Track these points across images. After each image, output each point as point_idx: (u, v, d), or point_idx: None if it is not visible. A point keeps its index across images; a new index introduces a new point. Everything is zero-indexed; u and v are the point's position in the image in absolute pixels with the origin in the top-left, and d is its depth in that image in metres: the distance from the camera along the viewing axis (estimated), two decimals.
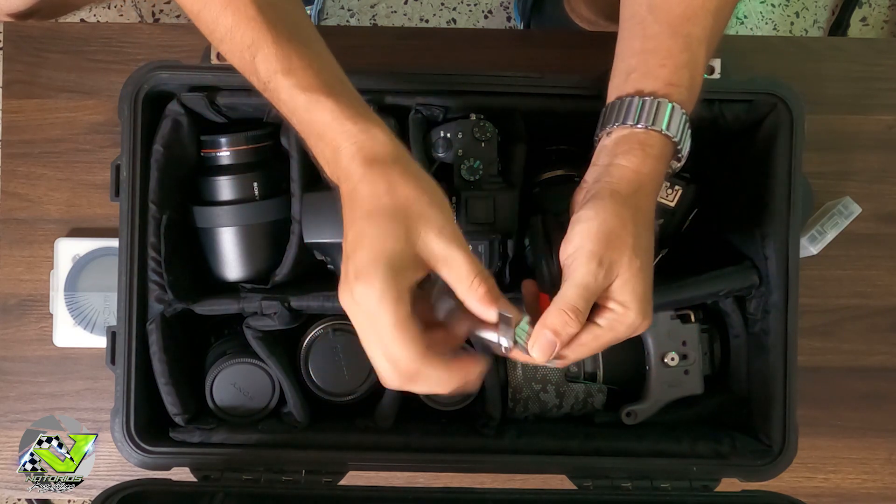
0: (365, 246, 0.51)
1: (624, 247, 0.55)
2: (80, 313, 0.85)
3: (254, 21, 0.55)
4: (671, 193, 0.76)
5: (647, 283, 0.56)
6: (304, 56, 0.55)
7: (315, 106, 0.54)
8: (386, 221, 0.51)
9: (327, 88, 0.55)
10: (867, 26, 1.48)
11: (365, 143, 0.53)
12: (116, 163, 0.69)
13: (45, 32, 0.86)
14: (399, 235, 0.51)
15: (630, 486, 0.69)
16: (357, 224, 0.52)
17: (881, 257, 0.88)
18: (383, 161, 0.53)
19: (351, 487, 0.70)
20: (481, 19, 1.46)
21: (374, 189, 0.52)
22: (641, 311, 0.55)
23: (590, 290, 0.55)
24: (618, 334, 0.56)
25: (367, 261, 0.51)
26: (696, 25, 0.59)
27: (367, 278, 0.50)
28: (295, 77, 0.55)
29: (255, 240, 0.72)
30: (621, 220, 0.55)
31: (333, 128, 0.54)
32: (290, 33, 0.56)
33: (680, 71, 0.58)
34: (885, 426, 0.88)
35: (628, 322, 0.55)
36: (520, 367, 0.73)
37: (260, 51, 0.55)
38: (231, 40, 0.56)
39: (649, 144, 0.57)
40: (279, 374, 0.71)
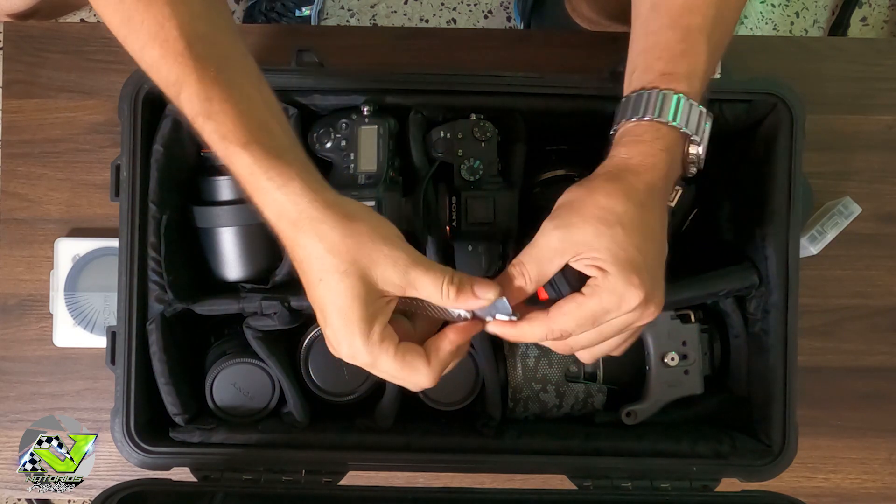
0: (332, 313, 0.52)
1: (588, 212, 0.53)
2: (80, 313, 0.85)
3: (181, 57, 0.52)
4: (671, 194, 0.75)
5: (630, 248, 0.53)
6: (227, 99, 0.52)
7: (232, 157, 0.52)
8: (342, 280, 0.51)
9: (244, 138, 0.52)
10: (867, 26, 1.48)
11: (284, 202, 0.51)
12: (116, 163, 0.69)
13: (45, 32, 0.86)
14: (357, 290, 0.51)
15: (630, 486, 0.69)
16: (315, 289, 0.52)
17: (881, 257, 0.88)
18: (309, 218, 0.51)
19: (351, 487, 0.70)
20: (481, 19, 1.46)
21: (314, 251, 0.51)
22: (623, 275, 0.52)
23: (538, 247, 0.54)
24: (603, 302, 0.53)
25: (341, 326, 0.52)
26: (696, 15, 0.58)
27: (349, 341, 0.52)
28: (214, 122, 0.52)
29: (255, 240, 0.72)
30: (591, 190, 0.54)
31: (250, 183, 0.52)
32: (217, 70, 0.53)
33: (675, 60, 0.58)
34: (885, 426, 0.87)
35: (610, 286, 0.52)
36: (520, 367, 0.73)
37: (184, 90, 0.53)
38: (157, 73, 0.54)
39: (637, 133, 0.57)
40: (279, 374, 0.71)
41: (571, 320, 0.54)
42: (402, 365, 0.53)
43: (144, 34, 0.53)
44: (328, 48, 0.75)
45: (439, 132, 0.70)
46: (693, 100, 0.57)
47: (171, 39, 0.53)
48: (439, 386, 0.73)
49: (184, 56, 0.52)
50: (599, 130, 0.63)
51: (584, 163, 0.75)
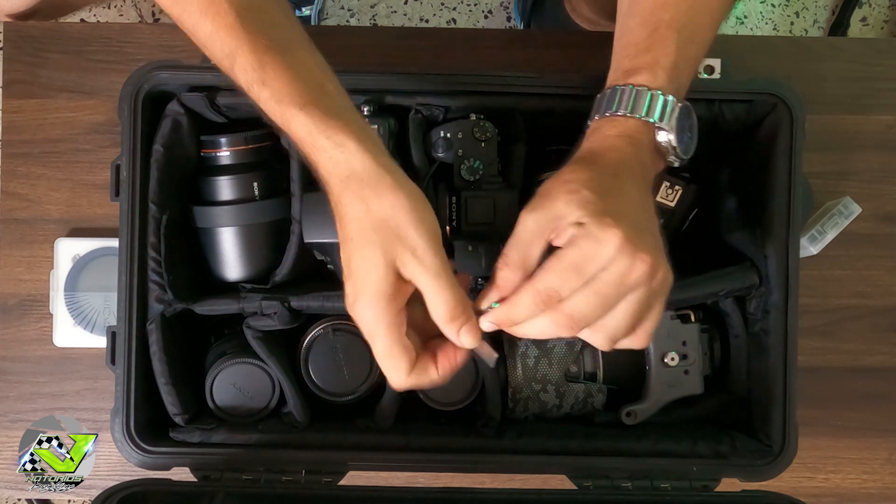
0: (353, 273, 0.53)
1: (557, 190, 0.53)
2: (80, 313, 0.85)
3: (232, 29, 0.54)
4: (671, 193, 0.75)
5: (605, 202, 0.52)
6: (281, 64, 0.54)
7: (290, 120, 0.54)
8: (367, 248, 0.52)
9: (302, 99, 0.53)
10: (867, 26, 1.48)
11: (339, 159, 0.53)
12: (116, 163, 0.69)
13: (45, 32, 0.86)
14: (380, 263, 0.52)
15: (630, 486, 0.69)
16: (345, 247, 0.54)
17: (881, 257, 0.88)
18: (358, 179, 0.52)
19: (351, 487, 0.70)
20: (481, 19, 1.46)
21: (352, 211, 0.53)
22: (597, 219, 0.51)
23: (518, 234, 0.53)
24: (583, 249, 0.51)
25: (357, 289, 0.53)
26: (665, 11, 0.59)
27: (360, 306, 0.53)
28: (270, 89, 0.54)
29: (255, 240, 0.72)
30: (556, 177, 0.55)
31: (307, 143, 0.53)
32: (269, 39, 0.55)
33: (639, 56, 0.58)
34: (885, 426, 0.87)
35: (585, 233, 0.51)
36: (520, 367, 0.73)
37: (237, 61, 0.54)
38: (210, 48, 0.56)
39: (596, 128, 0.58)
40: (279, 374, 0.71)
41: (553, 274, 0.51)
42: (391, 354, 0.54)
43: (196, 10, 0.55)
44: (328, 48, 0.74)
45: (439, 132, 0.70)
46: (658, 89, 0.57)
47: (221, 13, 0.54)
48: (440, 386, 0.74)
49: (235, 27, 0.54)
50: None
51: None
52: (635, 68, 0.58)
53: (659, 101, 0.57)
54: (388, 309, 0.53)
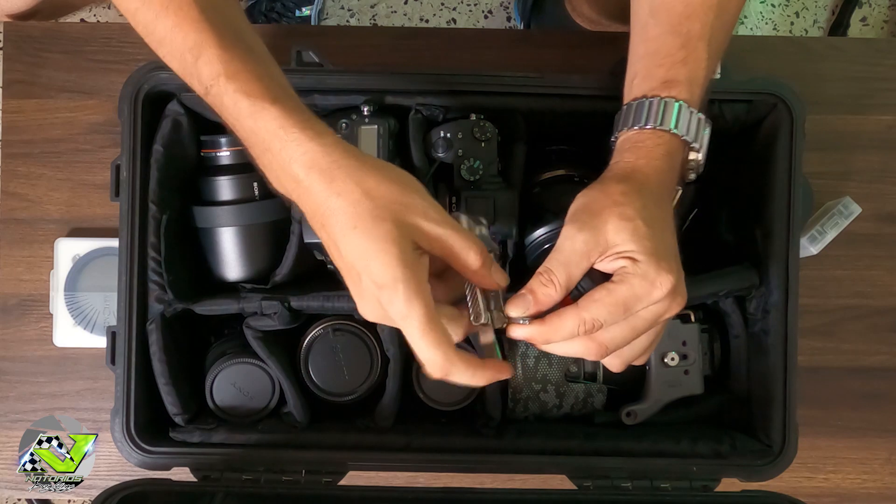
0: (372, 258, 0.50)
1: (608, 212, 0.54)
2: (80, 313, 0.85)
3: (197, 23, 0.53)
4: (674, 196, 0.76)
5: (655, 239, 0.53)
6: (248, 61, 0.53)
7: (260, 113, 0.52)
8: (379, 226, 0.50)
9: (271, 95, 0.52)
10: (867, 26, 1.48)
11: (316, 151, 0.51)
12: (116, 163, 0.69)
13: (45, 32, 0.86)
14: (394, 234, 0.50)
15: (630, 486, 0.69)
16: (352, 240, 0.50)
17: (881, 257, 0.88)
18: (345, 165, 0.51)
19: (351, 487, 0.70)
20: (481, 19, 1.46)
21: (348, 198, 0.50)
22: (653, 261, 0.52)
23: (564, 252, 0.54)
24: (635, 288, 0.52)
25: (382, 272, 0.50)
26: (695, 22, 0.58)
27: (391, 288, 0.50)
28: (238, 82, 0.53)
29: (255, 240, 0.72)
30: (606, 192, 0.55)
31: (280, 137, 0.52)
32: (234, 37, 0.54)
33: (676, 67, 0.58)
34: (885, 426, 0.87)
35: (641, 271, 0.52)
36: (520, 367, 0.73)
37: (203, 53, 0.53)
38: (171, 42, 0.54)
39: (641, 140, 0.58)
40: (279, 374, 0.71)
41: (603, 308, 0.53)
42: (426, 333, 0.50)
43: (157, 4, 0.54)
44: (328, 48, 0.75)
45: (439, 132, 0.70)
46: (693, 107, 0.58)
47: (184, 7, 0.54)
48: (439, 386, 0.74)
49: (200, 21, 0.53)
50: (599, 130, 0.63)
51: (584, 163, 0.75)
52: (674, 80, 0.58)
53: (694, 119, 0.58)
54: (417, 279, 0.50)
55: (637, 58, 0.61)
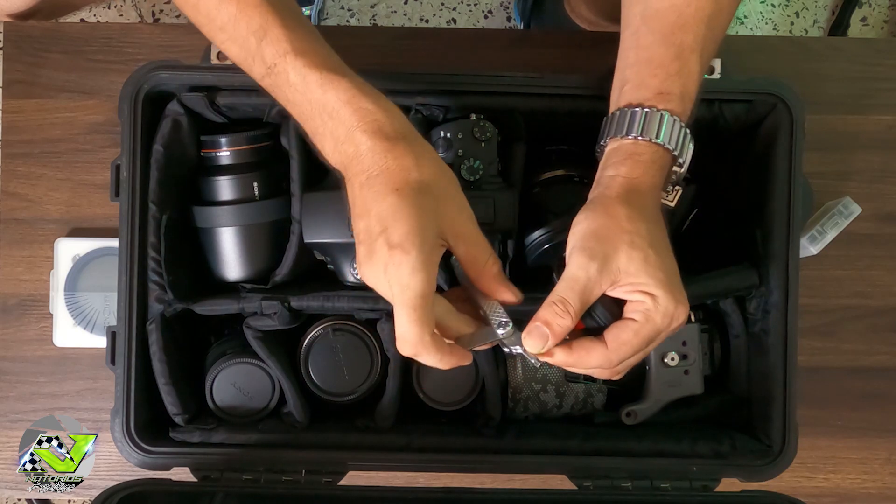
0: (401, 219, 0.52)
1: (618, 239, 0.55)
2: (80, 313, 0.85)
3: (259, 7, 0.55)
4: (671, 193, 0.75)
5: (665, 268, 0.55)
6: (312, 40, 0.56)
7: (330, 84, 0.55)
8: (419, 196, 0.53)
9: (340, 70, 0.56)
10: (867, 26, 1.48)
11: (384, 119, 0.55)
12: (116, 163, 0.69)
13: (45, 32, 0.86)
14: (431, 210, 0.53)
15: (630, 486, 0.69)
16: (388, 199, 0.53)
17: (881, 257, 0.88)
18: (405, 137, 0.55)
19: (351, 487, 0.70)
20: (481, 19, 1.46)
21: (402, 163, 0.53)
22: (671, 295, 0.55)
23: (580, 281, 0.54)
24: (657, 325, 0.55)
25: (404, 234, 0.52)
26: (688, 34, 0.59)
27: (404, 251, 0.52)
28: (307, 57, 0.55)
29: (255, 240, 0.72)
30: (612, 217, 0.56)
31: (351, 104, 0.55)
32: (296, 19, 0.57)
33: (671, 79, 0.58)
34: (885, 426, 0.88)
35: (662, 309, 0.54)
36: (520, 367, 0.73)
37: (268, 34, 0.55)
38: (235, 27, 0.56)
39: (638, 153, 0.58)
40: (279, 374, 0.71)
41: (631, 349, 0.56)
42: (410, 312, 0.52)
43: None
44: None
45: (439, 132, 0.70)
46: (683, 121, 0.59)
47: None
48: (439, 386, 0.74)
49: (262, 6, 0.56)
50: (599, 131, 0.63)
51: (584, 163, 0.75)
52: (668, 93, 0.58)
53: (683, 134, 0.59)
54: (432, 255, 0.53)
55: (627, 64, 0.61)
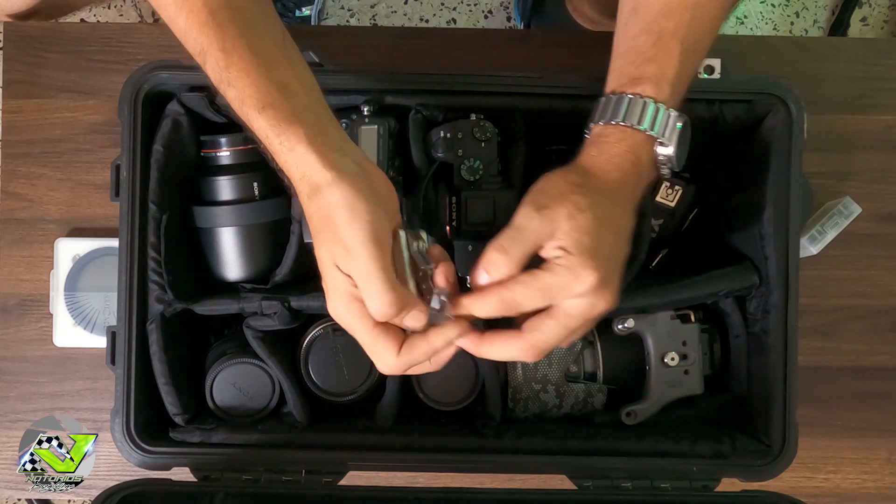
0: (320, 270, 0.55)
1: (565, 198, 0.55)
2: (80, 313, 0.85)
3: (204, 26, 0.55)
4: (671, 193, 0.76)
5: (596, 236, 0.55)
6: (247, 64, 0.54)
7: (251, 122, 0.55)
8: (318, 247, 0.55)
9: (261, 102, 0.54)
10: (867, 26, 1.48)
11: (291, 162, 0.54)
12: (116, 163, 0.69)
13: (45, 32, 0.86)
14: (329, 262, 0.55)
15: (630, 486, 0.69)
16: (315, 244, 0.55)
17: (881, 257, 0.88)
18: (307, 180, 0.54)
19: (351, 487, 0.70)
20: (481, 19, 1.46)
21: (307, 211, 0.54)
22: (587, 264, 0.54)
23: (520, 229, 0.55)
24: (558, 277, 0.54)
25: (325, 286, 0.56)
26: (669, 21, 0.59)
27: (330, 302, 0.56)
28: (234, 89, 0.54)
29: (255, 240, 0.72)
30: (566, 180, 0.57)
31: (268, 144, 0.55)
32: (239, 37, 0.55)
33: (644, 65, 0.59)
34: (885, 426, 0.87)
35: (568, 265, 0.54)
36: (520, 367, 0.73)
37: (208, 59, 0.55)
38: (185, 43, 0.56)
39: (605, 136, 0.59)
40: (279, 374, 0.71)
41: (525, 289, 0.54)
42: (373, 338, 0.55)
43: (172, 4, 0.56)
44: (328, 48, 0.75)
45: (439, 132, 0.70)
46: (662, 103, 0.59)
47: (195, 9, 0.55)
48: (439, 386, 0.74)
49: (207, 24, 0.54)
50: None
51: None
52: (641, 77, 0.59)
53: (661, 115, 0.58)
54: (353, 303, 0.54)
55: (615, 56, 0.62)
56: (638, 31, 0.60)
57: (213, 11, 0.55)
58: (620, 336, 0.71)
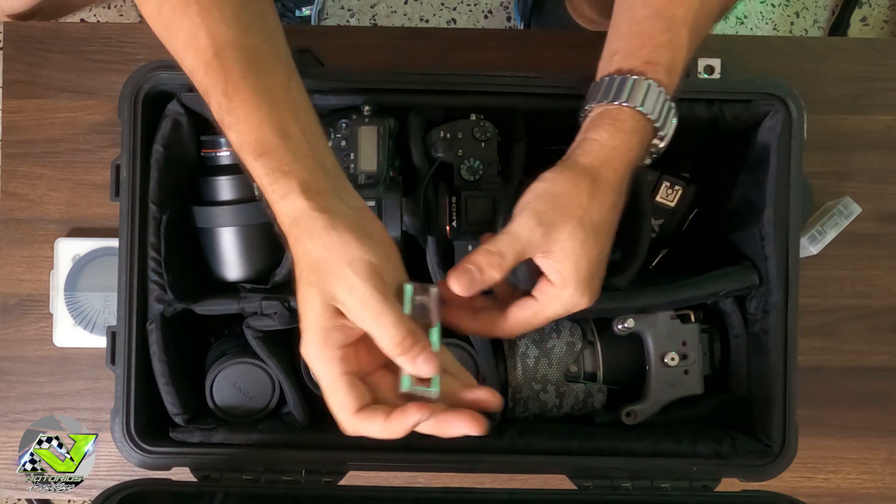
0: (300, 312, 0.54)
1: (570, 213, 0.55)
2: (80, 313, 0.85)
3: (209, 67, 0.54)
4: (671, 193, 0.76)
5: (591, 259, 0.56)
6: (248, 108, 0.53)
7: (249, 167, 0.54)
8: (306, 288, 0.53)
9: (259, 150, 0.53)
10: (867, 26, 1.48)
11: (284, 210, 0.53)
12: (116, 163, 0.69)
13: (45, 32, 0.86)
14: (316, 301, 0.52)
15: (630, 486, 0.69)
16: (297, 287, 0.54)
17: (881, 257, 0.88)
18: (299, 224, 0.52)
19: (351, 487, 0.70)
20: (481, 19, 1.46)
21: (295, 253, 0.53)
22: (580, 288, 0.56)
23: (520, 241, 0.55)
24: (556, 310, 0.57)
25: (302, 328, 0.53)
26: (679, 7, 0.59)
27: (304, 343, 0.53)
28: (234, 132, 0.54)
29: (255, 240, 0.72)
30: (575, 187, 0.56)
31: (262, 190, 0.54)
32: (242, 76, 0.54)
33: (659, 50, 0.58)
34: (885, 426, 0.87)
35: (566, 299, 0.56)
36: (520, 367, 0.73)
37: (210, 100, 0.55)
38: (193, 80, 0.56)
39: (621, 119, 0.57)
40: (279, 374, 0.71)
41: (526, 326, 0.58)
42: (334, 389, 0.53)
43: (180, 44, 0.55)
44: (328, 48, 0.75)
45: (439, 132, 0.70)
46: (669, 93, 0.58)
47: (201, 49, 0.54)
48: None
49: (211, 66, 0.54)
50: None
51: None
52: (656, 63, 0.58)
53: (667, 107, 0.58)
54: (327, 345, 0.52)
55: (619, 35, 0.61)
56: (646, 15, 0.59)
57: (218, 52, 0.54)
58: (620, 336, 0.71)
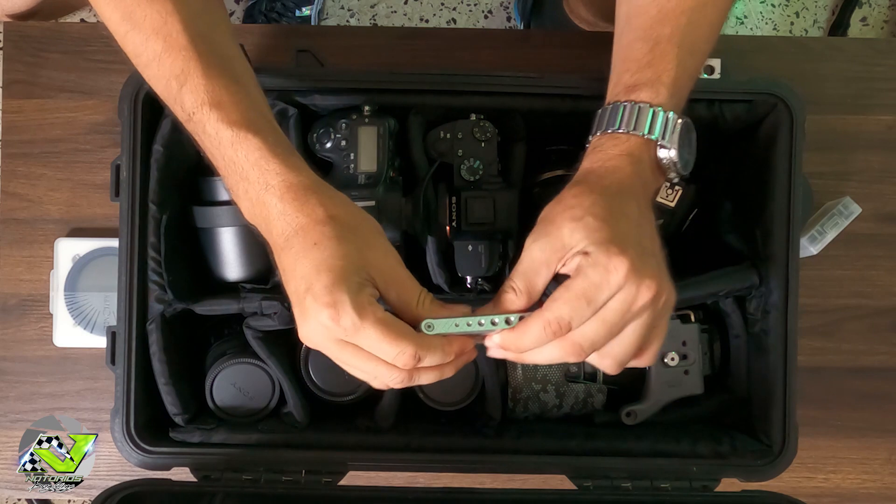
0: (323, 272, 0.51)
1: (560, 218, 0.54)
2: (80, 313, 0.85)
3: (185, 51, 0.54)
4: (671, 193, 0.75)
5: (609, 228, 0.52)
6: (232, 91, 0.55)
7: (240, 143, 0.54)
8: (339, 245, 0.52)
9: (254, 126, 0.54)
10: (867, 26, 1.48)
11: (292, 178, 0.53)
12: (116, 163, 0.69)
13: (45, 32, 0.86)
14: (353, 256, 0.52)
15: (630, 486, 0.69)
16: (309, 255, 0.52)
17: (881, 257, 0.88)
18: (315, 191, 0.53)
19: (351, 487, 0.70)
20: (481, 19, 1.46)
21: (315, 216, 0.52)
22: (605, 249, 0.51)
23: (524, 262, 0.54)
24: (590, 277, 0.51)
25: (328, 287, 0.51)
26: (665, 26, 0.59)
27: (336, 298, 0.50)
28: (222, 111, 0.54)
29: (255, 240, 0.72)
30: (559, 200, 0.55)
31: (259, 166, 0.53)
32: (221, 67, 0.55)
33: (641, 72, 0.58)
34: (885, 426, 0.87)
35: (592, 262, 0.51)
36: (520, 367, 0.73)
37: (188, 81, 0.55)
38: (159, 66, 0.55)
39: (600, 146, 0.58)
40: (279, 374, 0.71)
41: (564, 304, 0.52)
42: (386, 333, 0.51)
43: (147, 28, 0.55)
44: (328, 48, 0.75)
45: (439, 132, 0.70)
46: (659, 106, 0.57)
47: (174, 33, 0.55)
48: (440, 386, 0.74)
49: (188, 49, 0.55)
50: None
51: None
52: (637, 84, 0.58)
53: (660, 117, 0.58)
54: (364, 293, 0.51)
55: (612, 66, 0.61)
56: (633, 38, 0.60)
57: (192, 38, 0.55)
58: None
